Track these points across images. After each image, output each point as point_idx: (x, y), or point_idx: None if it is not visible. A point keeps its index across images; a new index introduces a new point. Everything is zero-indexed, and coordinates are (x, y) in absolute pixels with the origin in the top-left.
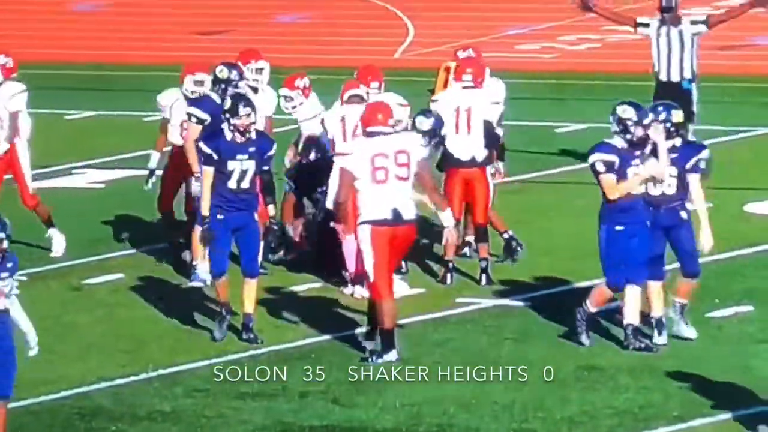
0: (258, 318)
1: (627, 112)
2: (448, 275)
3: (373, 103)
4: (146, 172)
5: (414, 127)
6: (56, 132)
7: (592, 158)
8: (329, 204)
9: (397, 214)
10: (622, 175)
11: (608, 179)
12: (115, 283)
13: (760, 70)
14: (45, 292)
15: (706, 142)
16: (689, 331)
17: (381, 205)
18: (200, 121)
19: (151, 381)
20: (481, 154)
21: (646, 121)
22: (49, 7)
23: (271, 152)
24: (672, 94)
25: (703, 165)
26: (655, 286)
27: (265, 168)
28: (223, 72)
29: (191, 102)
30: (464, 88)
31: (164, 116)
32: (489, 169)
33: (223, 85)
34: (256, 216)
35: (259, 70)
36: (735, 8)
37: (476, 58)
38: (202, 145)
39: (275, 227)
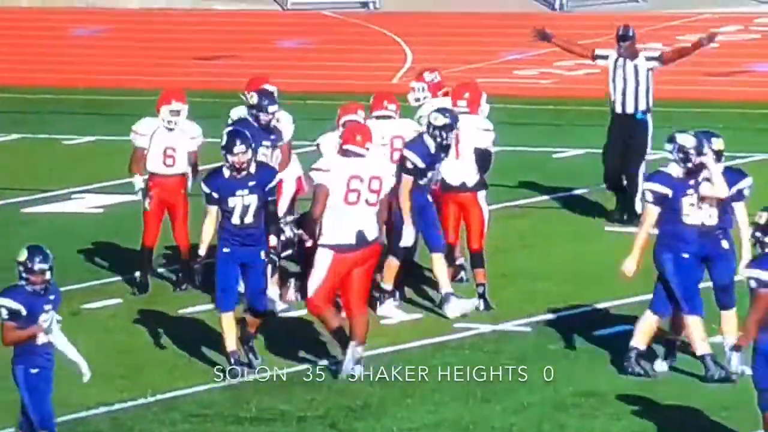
0: (257, 342)
1: (688, 141)
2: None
3: (355, 124)
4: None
5: (429, 123)
6: (55, 157)
7: (645, 185)
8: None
9: (361, 237)
10: (676, 205)
11: (651, 211)
12: (113, 308)
13: (757, 96)
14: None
15: None
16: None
17: (346, 229)
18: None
19: (150, 406)
20: (471, 179)
21: (705, 150)
22: (48, 32)
23: (273, 183)
24: (628, 125)
25: (747, 192)
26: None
27: (270, 198)
28: (253, 98)
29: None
30: (458, 113)
31: (138, 145)
32: (481, 194)
33: (254, 111)
34: (262, 254)
35: (176, 112)
36: (686, 48)
37: (473, 84)
38: (202, 184)
39: (275, 258)
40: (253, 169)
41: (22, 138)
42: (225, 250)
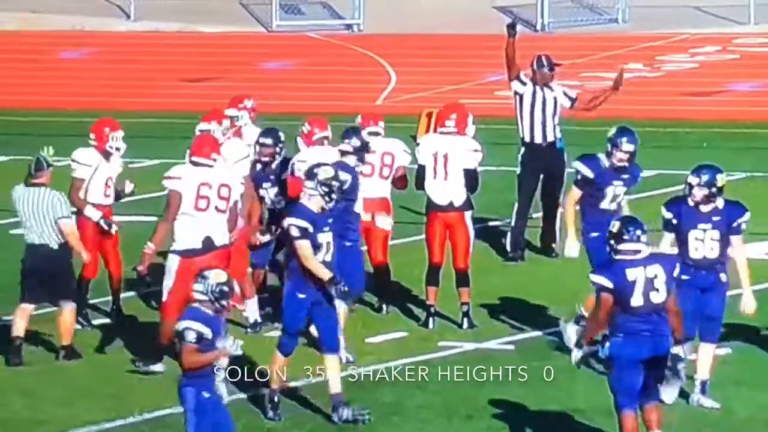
0: (244, 361)
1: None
2: (431, 319)
3: (202, 136)
4: (132, 218)
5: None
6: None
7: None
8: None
9: (208, 242)
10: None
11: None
12: (103, 327)
13: (736, 115)
14: (33, 336)
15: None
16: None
17: (195, 234)
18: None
19: (138, 425)
20: (459, 199)
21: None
22: (36, 54)
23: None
24: (543, 154)
25: (744, 227)
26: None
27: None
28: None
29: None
30: (443, 133)
31: (78, 175)
32: (468, 214)
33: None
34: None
35: (116, 138)
36: (598, 98)
37: (460, 105)
38: (299, 219)
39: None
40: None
41: (10, 160)
42: (300, 295)
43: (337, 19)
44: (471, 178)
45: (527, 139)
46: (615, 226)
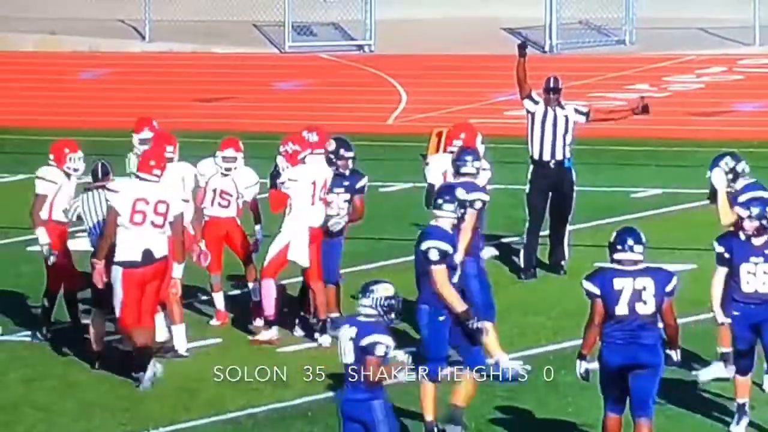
0: (256, 376)
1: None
2: None
3: (149, 152)
4: None
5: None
6: None
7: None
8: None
9: (147, 255)
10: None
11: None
12: (117, 341)
13: (741, 135)
14: (48, 350)
15: (690, 206)
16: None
17: (134, 247)
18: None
19: None
20: None
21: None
22: (54, 75)
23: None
24: (552, 173)
25: None
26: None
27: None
28: (331, 145)
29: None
30: (452, 152)
31: (41, 191)
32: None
33: (332, 157)
34: None
35: (74, 159)
36: (618, 111)
37: (470, 125)
38: (436, 242)
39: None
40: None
41: (27, 178)
42: (440, 318)
43: (348, 40)
44: None
45: (536, 157)
46: (612, 235)
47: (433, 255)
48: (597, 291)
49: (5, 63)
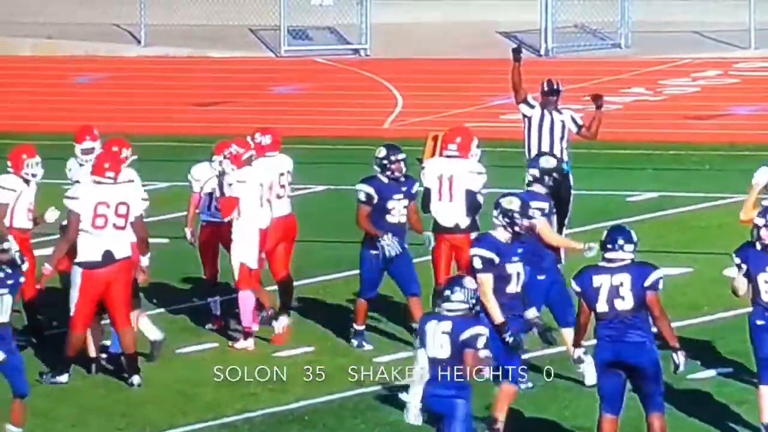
0: (252, 380)
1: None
2: None
3: (102, 155)
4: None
5: (540, 166)
6: (54, 201)
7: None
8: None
9: (108, 256)
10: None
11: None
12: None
13: (737, 138)
14: (44, 356)
15: (686, 209)
16: None
17: (95, 248)
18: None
19: None
20: (464, 221)
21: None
22: (51, 80)
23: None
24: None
25: None
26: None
27: None
28: (381, 151)
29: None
30: (448, 156)
31: (3, 201)
32: (474, 236)
33: (385, 163)
34: None
35: (32, 165)
36: (593, 123)
37: (465, 128)
38: (480, 250)
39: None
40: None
41: None
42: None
43: (344, 44)
44: (471, 200)
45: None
46: (603, 234)
47: (477, 263)
48: (578, 289)
49: (1, 67)
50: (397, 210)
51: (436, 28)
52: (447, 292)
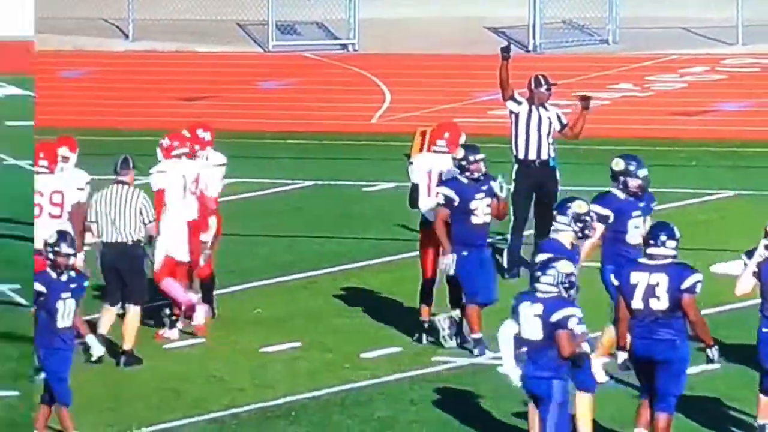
0: (239, 376)
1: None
2: (424, 335)
3: (39, 145)
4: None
5: (574, 212)
6: None
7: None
8: None
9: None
10: None
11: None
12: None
13: (724, 134)
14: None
15: (673, 205)
16: None
17: (37, 237)
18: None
19: None
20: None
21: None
22: (38, 74)
23: None
24: (536, 172)
25: None
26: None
27: None
28: (459, 152)
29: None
30: (436, 152)
31: None
32: None
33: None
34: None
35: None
36: (577, 123)
37: (453, 124)
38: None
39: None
40: None
41: None
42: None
43: (332, 39)
44: None
45: (521, 156)
46: (648, 231)
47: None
48: (616, 283)
49: None
50: (481, 210)
51: (424, 24)
52: (538, 273)
